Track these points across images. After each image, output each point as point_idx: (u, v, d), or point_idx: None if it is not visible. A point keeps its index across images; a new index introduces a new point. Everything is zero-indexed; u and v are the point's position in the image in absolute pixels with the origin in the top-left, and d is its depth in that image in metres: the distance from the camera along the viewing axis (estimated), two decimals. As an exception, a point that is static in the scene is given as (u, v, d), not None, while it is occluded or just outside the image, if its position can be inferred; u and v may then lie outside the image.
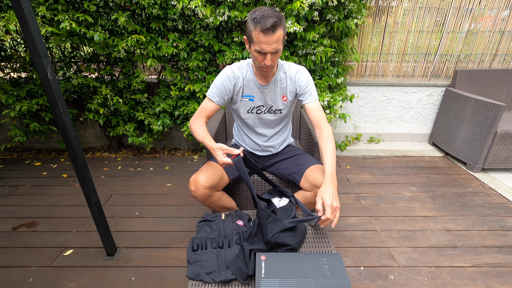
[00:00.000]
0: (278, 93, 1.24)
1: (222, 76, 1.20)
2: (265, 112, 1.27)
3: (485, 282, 1.28)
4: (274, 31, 0.98)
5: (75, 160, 1.15)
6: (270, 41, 1.00)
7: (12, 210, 1.81)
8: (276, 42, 1.01)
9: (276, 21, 0.97)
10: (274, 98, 1.25)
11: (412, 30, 2.45)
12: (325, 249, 0.95)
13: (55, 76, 1.01)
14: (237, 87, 1.22)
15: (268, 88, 1.22)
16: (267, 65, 1.07)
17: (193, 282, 0.83)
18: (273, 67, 1.11)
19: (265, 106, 1.26)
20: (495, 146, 2.12)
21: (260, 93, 1.23)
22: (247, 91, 1.23)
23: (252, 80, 1.21)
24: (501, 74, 2.48)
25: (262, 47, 1.01)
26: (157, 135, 2.46)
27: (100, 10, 1.98)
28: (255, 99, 1.24)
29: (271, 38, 0.99)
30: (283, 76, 1.23)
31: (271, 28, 0.97)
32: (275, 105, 1.26)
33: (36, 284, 1.27)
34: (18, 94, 2.07)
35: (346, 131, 2.85)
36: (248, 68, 1.22)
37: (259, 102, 1.25)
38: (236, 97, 1.24)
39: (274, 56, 1.06)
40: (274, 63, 1.09)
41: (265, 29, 0.97)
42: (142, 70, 2.40)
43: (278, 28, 0.99)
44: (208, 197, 1.19)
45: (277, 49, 1.03)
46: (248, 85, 1.22)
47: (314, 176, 1.20)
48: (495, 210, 1.80)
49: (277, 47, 1.02)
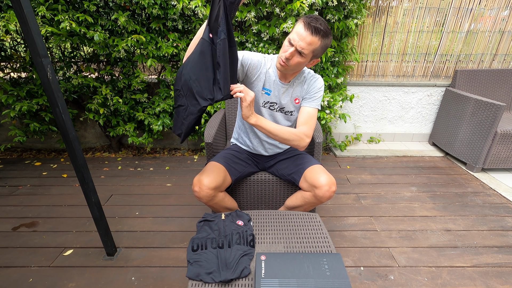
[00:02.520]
0: (291, 95, 1.24)
1: (258, 54, 1.20)
2: (277, 110, 1.27)
3: (485, 282, 1.28)
4: (314, 33, 0.99)
5: (75, 160, 1.15)
6: (303, 38, 1.00)
7: (12, 210, 1.80)
8: (308, 44, 1.00)
9: (321, 29, 0.99)
10: (287, 99, 1.24)
11: (412, 30, 2.45)
12: (325, 249, 0.95)
13: (55, 76, 1.01)
14: (261, 72, 1.20)
15: (285, 87, 1.22)
16: (286, 57, 1.05)
17: (193, 282, 0.83)
18: (288, 68, 1.09)
19: (278, 104, 1.26)
20: (495, 146, 2.12)
21: (277, 91, 1.23)
22: (268, 84, 1.22)
23: (273, 75, 1.21)
24: (501, 74, 2.48)
25: (294, 37, 1.01)
26: (157, 135, 2.46)
27: (100, 10, 1.98)
28: (271, 95, 1.23)
29: (306, 35, 0.99)
30: (301, 81, 1.23)
31: (314, 28, 0.98)
32: (287, 106, 1.26)
33: (36, 284, 1.27)
34: (18, 94, 2.07)
35: (346, 131, 2.85)
36: (272, 63, 1.22)
37: (273, 99, 1.25)
38: (256, 82, 1.21)
39: (296, 57, 1.05)
40: (292, 65, 1.07)
41: (308, 24, 0.98)
42: (142, 70, 2.41)
43: (317, 34, 0.99)
44: (212, 198, 1.19)
45: (303, 50, 1.02)
46: (269, 78, 1.21)
47: (313, 176, 1.20)
48: (495, 210, 1.80)
49: (305, 47, 1.01)
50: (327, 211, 1.80)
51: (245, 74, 1.18)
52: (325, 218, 1.73)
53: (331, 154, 2.68)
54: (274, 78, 1.21)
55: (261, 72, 1.20)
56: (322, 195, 1.17)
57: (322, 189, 1.16)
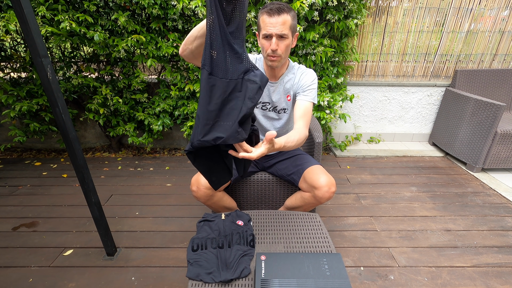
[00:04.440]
0: (282, 93, 1.24)
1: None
2: (270, 109, 1.27)
3: (485, 282, 1.28)
4: (279, 13, 1.00)
5: (75, 160, 1.15)
6: (275, 23, 1.01)
7: (12, 210, 1.80)
8: (281, 25, 1.01)
9: (282, 6, 1.00)
10: (279, 97, 1.25)
11: (412, 30, 2.44)
12: (325, 249, 0.95)
13: (55, 76, 1.01)
14: None
15: (275, 86, 1.23)
16: (273, 50, 1.05)
17: (193, 282, 0.83)
18: (281, 57, 1.08)
19: (270, 103, 1.26)
20: (495, 146, 2.12)
21: (267, 90, 1.23)
22: None
23: None
24: (501, 74, 2.48)
25: (267, 28, 1.02)
26: (157, 135, 2.46)
27: (100, 10, 1.98)
28: (263, 95, 1.24)
29: (276, 19, 1.00)
30: (291, 77, 1.23)
31: (276, 10, 0.99)
32: (279, 104, 1.26)
33: (36, 284, 1.27)
34: (18, 94, 2.07)
35: (346, 131, 2.85)
36: (259, 63, 1.22)
37: (265, 99, 1.25)
38: None
39: (281, 43, 1.05)
40: (282, 52, 1.07)
41: (270, 10, 1.00)
42: (142, 70, 2.40)
43: (284, 12, 1.00)
44: (210, 197, 1.19)
45: (282, 33, 1.02)
46: None
47: (312, 177, 1.20)
48: (495, 210, 1.80)
49: (283, 30, 1.02)
50: (327, 211, 1.80)
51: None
52: (325, 218, 1.73)
53: (331, 154, 2.68)
54: None
55: None
56: (321, 196, 1.17)
57: (322, 190, 1.16)
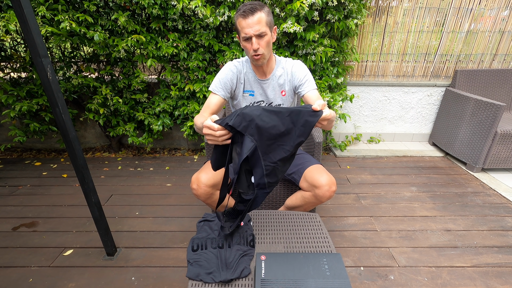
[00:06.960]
0: (276, 89, 1.26)
1: (225, 70, 1.21)
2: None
3: (485, 282, 1.28)
4: (253, 13, 1.02)
5: (75, 160, 1.15)
6: (251, 24, 1.03)
7: (12, 210, 1.80)
8: (257, 24, 1.03)
9: (254, 5, 1.02)
10: (273, 93, 1.26)
11: (412, 30, 2.44)
12: (325, 249, 0.95)
13: (55, 76, 1.01)
14: (240, 81, 1.24)
15: (267, 83, 1.24)
16: (255, 50, 1.07)
17: (193, 282, 0.83)
18: (264, 54, 1.11)
19: (265, 101, 1.28)
20: (495, 146, 2.12)
21: (260, 88, 1.25)
22: (248, 86, 1.25)
23: (251, 75, 1.24)
24: (501, 74, 2.48)
25: (245, 31, 1.04)
26: (157, 135, 2.46)
27: (100, 10, 1.98)
28: (256, 94, 1.26)
29: (251, 20, 1.02)
30: (281, 71, 1.25)
31: (250, 10, 1.01)
32: (275, 101, 1.28)
33: (36, 284, 1.27)
34: (18, 94, 2.07)
35: (346, 131, 2.85)
36: (247, 64, 1.25)
37: (259, 97, 1.27)
38: (237, 91, 1.26)
39: (261, 41, 1.07)
40: (264, 49, 1.09)
41: (243, 12, 1.02)
42: (142, 70, 2.40)
43: (257, 11, 1.02)
44: (210, 195, 1.19)
45: (260, 32, 1.04)
46: (248, 80, 1.24)
47: (313, 176, 1.20)
48: (495, 210, 1.80)
49: (260, 29, 1.04)
50: (327, 211, 1.80)
51: (233, 92, 1.25)
52: (325, 218, 1.73)
53: (331, 154, 2.68)
54: (253, 78, 1.24)
55: (240, 79, 1.23)
56: (322, 195, 1.17)
57: (322, 189, 1.16)
